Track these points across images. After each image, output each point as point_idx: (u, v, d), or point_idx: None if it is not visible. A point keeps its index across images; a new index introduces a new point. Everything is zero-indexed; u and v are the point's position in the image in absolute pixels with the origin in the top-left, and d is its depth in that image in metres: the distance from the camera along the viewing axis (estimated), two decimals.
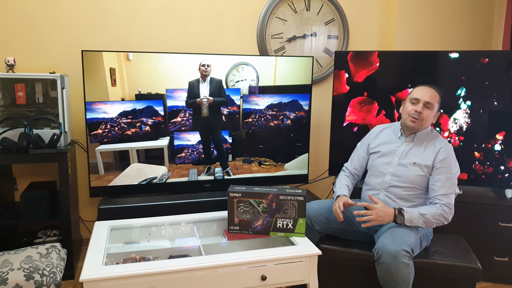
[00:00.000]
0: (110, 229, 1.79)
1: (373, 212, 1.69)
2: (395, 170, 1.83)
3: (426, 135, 1.84)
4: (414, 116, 1.78)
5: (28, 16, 2.25)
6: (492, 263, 2.15)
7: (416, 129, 1.82)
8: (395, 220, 1.71)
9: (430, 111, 1.79)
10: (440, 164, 1.76)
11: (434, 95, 1.79)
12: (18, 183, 2.35)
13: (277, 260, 1.56)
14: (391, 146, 1.88)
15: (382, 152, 1.89)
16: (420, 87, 1.84)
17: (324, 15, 2.72)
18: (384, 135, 1.94)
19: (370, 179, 1.92)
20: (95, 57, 2.08)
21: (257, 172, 2.46)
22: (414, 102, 1.80)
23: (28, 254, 1.70)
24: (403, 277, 1.58)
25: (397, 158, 1.84)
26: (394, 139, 1.89)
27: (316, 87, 2.77)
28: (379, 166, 1.88)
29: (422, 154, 1.80)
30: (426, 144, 1.82)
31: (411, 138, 1.85)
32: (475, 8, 2.85)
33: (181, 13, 2.48)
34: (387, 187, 1.83)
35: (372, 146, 1.95)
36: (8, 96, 2.08)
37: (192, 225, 1.91)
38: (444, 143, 1.81)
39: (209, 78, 2.25)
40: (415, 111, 1.78)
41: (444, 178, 1.74)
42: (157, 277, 1.42)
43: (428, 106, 1.78)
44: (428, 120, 1.81)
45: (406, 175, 1.80)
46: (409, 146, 1.84)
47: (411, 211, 1.72)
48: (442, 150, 1.77)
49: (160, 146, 2.26)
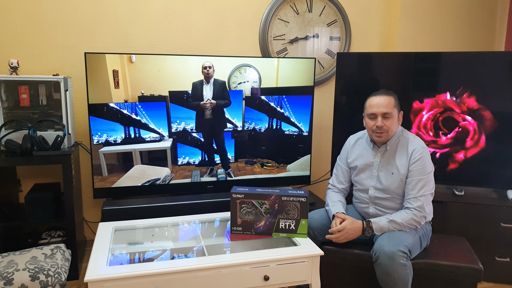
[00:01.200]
0: (114, 230, 1.81)
1: (343, 233, 1.72)
2: (376, 183, 1.82)
3: (397, 139, 1.80)
4: (378, 131, 1.76)
5: (31, 18, 2.27)
6: (493, 264, 2.16)
7: (386, 140, 1.80)
8: (364, 233, 1.73)
9: (391, 120, 1.74)
10: (413, 166, 1.74)
11: (388, 102, 1.74)
12: (23, 184, 2.36)
13: (279, 261, 1.57)
14: (366, 159, 1.86)
15: (360, 167, 1.87)
16: (372, 98, 1.79)
17: (326, 16, 2.73)
18: (358, 147, 1.91)
19: (357, 193, 1.92)
20: (98, 59, 2.09)
21: (260, 173, 2.47)
22: (372, 117, 1.77)
23: (33, 254, 1.72)
24: (401, 277, 1.59)
25: (376, 170, 1.83)
26: (368, 151, 1.87)
27: (318, 88, 2.78)
28: (362, 181, 1.87)
29: (397, 162, 1.77)
30: (399, 149, 1.79)
31: (384, 148, 1.82)
32: (478, 9, 2.84)
33: (183, 15, 2.50)
34: (374, 201, 1.84)
35: (350, 161, 1.93)
36: (12, 99, 2.10)
37: (195, 226, 1.93)
38: (416, 144, 1.77)
39: (213, 79, 2.27)
40: (376, 126, 1.75)
41: (416, 181, 1.73)
42: (161, 277, 1.44)
43: (387, 115, 1.74)
44: (393, 128, 1.76)
45: (387, 187, 1.79)
46: (383, 156, 1.82)
47: (378, 220, 1.74)
48: (415, 152, 1.75)
49: (163, 147, 2.28)
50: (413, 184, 1.73)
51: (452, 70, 2.26)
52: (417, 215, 1.72)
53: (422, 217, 1.73)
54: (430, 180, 1.76)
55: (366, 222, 1.74)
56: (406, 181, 1.76)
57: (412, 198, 1.73)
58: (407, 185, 1.76)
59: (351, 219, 1.75)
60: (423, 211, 1.72)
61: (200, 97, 2.27)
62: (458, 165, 2.28)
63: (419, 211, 1.72)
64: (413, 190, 1.73)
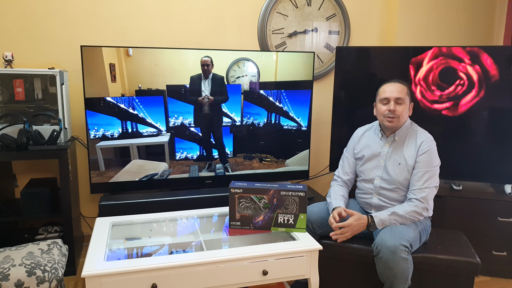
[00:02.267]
0: (112, 225, 1.80)
1: (349, 229, 1.73)
2: (382, 173, 1.83)
3: (406, 131, 1.82)
4: (389, 116, 1.77)
5: (26, 10, 2.23)
6: (490, 258, 2.17)
7: (396, 127, 1.81)
8: (368, 228, 1.74)
9: (403, 106, 1.77)
10: (420, 158, 1.76)
11: (401, 88, 1.78)
12: (18, 179, 2.34)
13: (278, 255, 1.57)
14: (374, 148, 1.87)
15: (367, 157, 1.88)
16: (385, 85, 1.82)
17: (325, 10, 2.71)
18: (366, 138, 1.92)
19: (361, 184, 1.92)
20: (95, 53, 2.06)
21: (258, 168, 2.46)
22: (385, 102, 1.79)
23: (29, 250, 1.70)
24: (402, 271, 1.59)
25: (383, 160, 1.83)
26: (376, 141, 1.88)
27: (317, 83, 2.76)
28: (368, 171, 1.87)
29: (405, 153, 1.79)
30: (407, 141, 1.81)
31: (392, 138, 1.83)
32: (477, 4, 2.84)
33: (181, 8, 2.46)
34: (378, 191, 1.84)
35: (356, 151, 1.94)
36: (6, 92, 2.07)
37: (194, 221, 1.92)
38: (425, 136, 1.80)
39: (211, 75, 2.24)
40: (388, 110, 1.77)
41: (422, 172, 1.74)
42: (159, 272, 1.43)
43: (399, 101, 1.77)
44: (404, 115, 1.79)
45: (393, 177, 1.80)
46: (391, 146, 1.83)
47: (379, 214, 1.75)
48: (423, 144, 1.77)
49: (161, 142, 2.26)
50: (419, 176, 1.74)
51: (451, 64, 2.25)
52: (419, 206, 1.72)
53: (424, 209, 1.73)
54: (436, 174, 1.77)
55: (370, 217, 1.74)
56: (412, 172, 1.77)
57: (417, 189, 1.74)
58: (413, 176, 1.76)
59: (358, 215, 1.75)
60: (426, 203, 1.73)
61: (198, 92, 2.25)
62: (457, 159, 2.28)
63: (422, 202, 1.72)
64: (418, 181, 1.74)
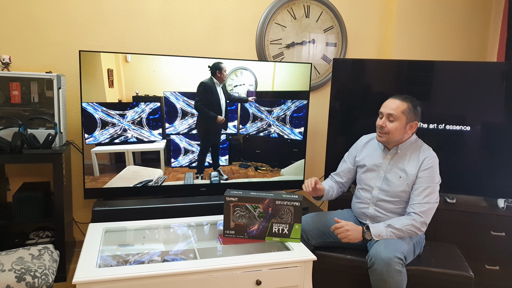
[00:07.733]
0: (105, 231, 1.78)
1: (347, 226, 1.72)
2: (381, 184, 1.82)
3: (410, 146, 1.81)
4: (379, 131, 1.78)
5: (25, 14, 2.23)
6: (483, 272, 2.17)
7: (387, 143, 1.81)
8: (364, 236, 1.72)
9: (395, 124, 1.74)
10: (422, 173, 1.74)
11: (397, 106, 1.74)
12: (11, 183, 2.31)
13: (272, 265, 1.56)
14: (376, 159, 1.86)
15: (368, 166, 1.87)
16: (388, 98, 1.81)
17: (323, 22, 2.75)
18: (369, 147, 1.92)
19: (359, 193, 1.92)
20: (93, 58, 2.07)
21: (254, 177, 2.46)
22: (380, 115, 1.80)
23: (19, 255, 1.67)
24: (396, 284, 1.59)
25: (383, 172, 1.83)
26: (379, 152, 1.87)
27: (314, 94, 2.79)
28: (367, 180, 1.87)
29: (406, 167, 1.78)
30: (410, 155, 1.79)
31: (394, 151, 1.82)
32: (472, 20, 2.89)
33: (180, 16, 2.49)
34: (375, 201, 1.84)
35: (358, 159, 1.93)
36: (2, 95, 2.06)
37: (187, 229, 1.90)
38: (428, 153, 1.78)
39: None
40: (379, 125, 1.78)
41: (423, 187, 1.73)
42: (152, 280, 1.41)
43: (391, 118, 1.74)
44: (396, 133, 1.75)
45: (392, 189, 1.79)
46: (393, 159, 1.82)
47: (376, 225, 1.74)
48: (426, 160, 1.75)
49: (156, 148, 2.25)
50: (420, 191, 1.73)
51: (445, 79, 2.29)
52: (417, 220, 1.70)
53: (422, 223, 1.71)
54: (436, 191, 1.76)
55: (366, 226, 1.73)
56: (413, 187, 1.76)
57: (417, 203, 1.72)
58: (414, 191, 1.75)
59: (352, 223, 1.75)
60: (425, 217, 1.71)
61: (216, 100, 2.27)
62: (450, 173, 2.30)
63: (421, 216, 1.70)
64: (419, 196, 1.73)
